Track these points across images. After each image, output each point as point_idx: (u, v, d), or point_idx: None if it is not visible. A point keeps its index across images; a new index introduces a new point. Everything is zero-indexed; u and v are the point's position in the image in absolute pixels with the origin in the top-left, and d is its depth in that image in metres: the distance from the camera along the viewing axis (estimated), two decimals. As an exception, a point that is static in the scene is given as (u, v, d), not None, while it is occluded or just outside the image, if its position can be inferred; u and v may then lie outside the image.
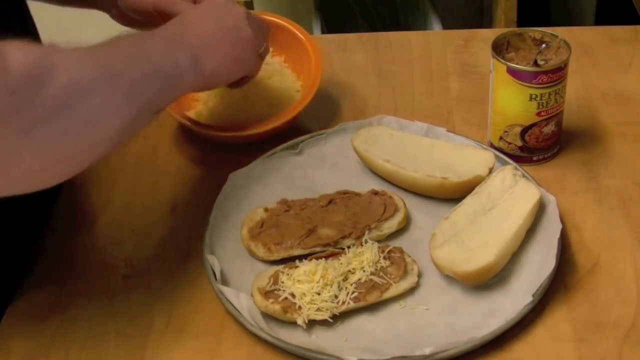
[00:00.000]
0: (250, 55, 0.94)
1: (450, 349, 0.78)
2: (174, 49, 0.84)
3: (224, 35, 0.91)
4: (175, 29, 0.88)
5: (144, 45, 0.83)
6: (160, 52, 0.83)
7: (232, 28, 0.91)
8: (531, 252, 0.88)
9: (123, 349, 0.83)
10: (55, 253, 0.94)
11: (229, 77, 0.93)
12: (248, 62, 0.94)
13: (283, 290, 0.83)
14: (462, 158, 0.97)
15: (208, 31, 0.89)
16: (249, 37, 0.92)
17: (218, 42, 0.90)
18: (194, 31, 0.88)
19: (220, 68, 0.90)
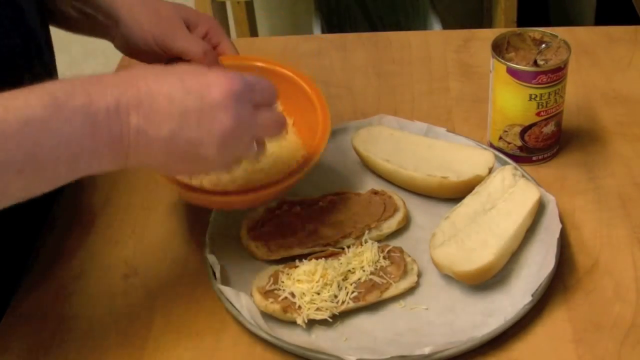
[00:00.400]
0: (202, 170, 0.78)
1: (450, 348, 0.78)
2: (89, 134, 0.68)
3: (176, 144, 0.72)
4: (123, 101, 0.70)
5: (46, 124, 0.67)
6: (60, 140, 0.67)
7: (190, 140, 0.72)
8: (531, 252, 0.89)
9: (123, 349, 0.83)
10: (55, 253, 0.94)
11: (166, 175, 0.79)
12: (197, 173, 0.79)
13: (283, 289, 0.83)
14: (462, 158, 0.97)
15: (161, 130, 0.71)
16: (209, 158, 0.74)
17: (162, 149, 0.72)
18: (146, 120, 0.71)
19: (153, 168, 0.76)
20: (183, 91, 0.72)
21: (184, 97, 0.72)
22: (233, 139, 0.74)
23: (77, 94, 0.69)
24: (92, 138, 0.68)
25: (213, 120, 0.72)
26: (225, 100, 0.73)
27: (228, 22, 2.28)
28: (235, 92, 0.74)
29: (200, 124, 0.72)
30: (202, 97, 0.72)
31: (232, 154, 0.76)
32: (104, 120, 0.69)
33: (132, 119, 0.70)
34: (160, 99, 0.71)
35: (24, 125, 0.65)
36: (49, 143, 0.66)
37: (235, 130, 0.73)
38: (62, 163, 0.68)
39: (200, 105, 0.72)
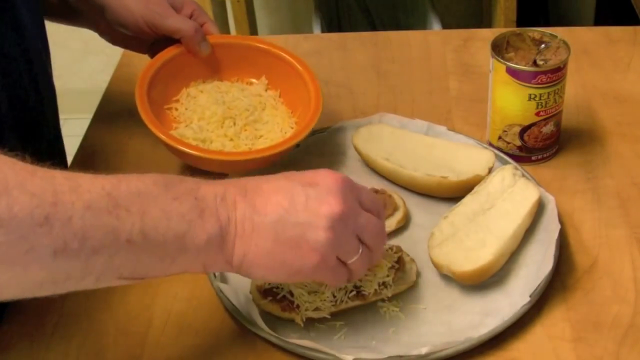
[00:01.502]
0: (309, 265, 0.71)
1: (447, 348, 0.78)
2: (199, 218, 0.68)
3: (285, 226, 0.70)
4: (230, 191, 0.70)
5: (157, 199, 0.66)
6: (170, 215, 0.66)
7: (301, 223, 0.70)
8: (530, 252, 0.89)
9: (122, 346, 0.83)
10: (55, 250, 0.94)
11: (266, 276, 0.74)
12: (302, 272, 0.72)
13: (281, 288, 0.83)
14: (462, 157, 0.97)
15: (267, 213, 0.70)
16: (319, 244, 0.70)
17: (270, 231, 0.70)
18: (249, 205, 0.70)
19: (255, 263, 0.71)
20: (289, 182, 0.72)
21: (291, 186, 0.72)
22: (341, 224, 0.71)
23: (186, 180, 0.70)
24: (200, 219, 0.68)
25: (321, 203, 0.71)
26: (333, 187, 0.72)
27: (228, 21, 2.28)
28: (344, 181, 0.73)
29: (307, 207, 0.71)
30: (309, 184, 0.72)
31: (340, 245, 0.72)
32: (212, 204, 0.69)
33: (239, 205, 0.70)
34: (267, 188, 0.71)
35: (135, 196, 0.65)
36: (158, 215, 0.66)
37: (344, 214, 0.71)
38: (171, 241, 0.66)
39: (308, 191, 0.71)
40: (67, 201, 0.62)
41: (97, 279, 0.65)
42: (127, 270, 0.66)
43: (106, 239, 0.63)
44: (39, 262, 0.61)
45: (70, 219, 0.61)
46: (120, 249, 0.64)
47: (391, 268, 0.85)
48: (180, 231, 0.67)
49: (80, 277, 0.64)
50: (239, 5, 2.13)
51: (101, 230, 0.63)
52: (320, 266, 0.72)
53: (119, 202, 0.64)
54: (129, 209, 0.64)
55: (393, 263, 0.85)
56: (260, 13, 2.48)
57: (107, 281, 0.66)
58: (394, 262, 0.85)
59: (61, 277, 0.63)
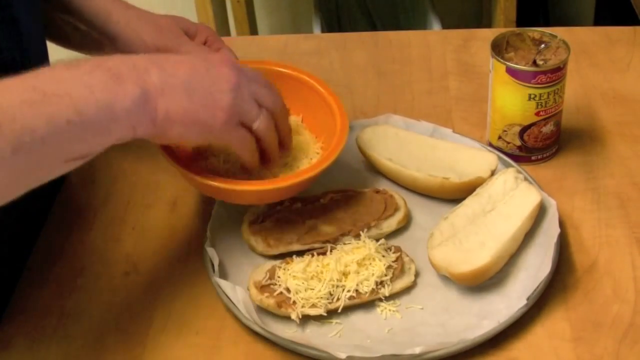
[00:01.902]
0: (218, 122, 0.80)
1: (441, 349, 0.79)
2: (117, 86, 0.73)
3: (194, 87, 0.78)
4: (137, 61, 0.77)
5: (74, 79, 0.72)
6: (92, 89, 0.71)
7: (206, 86, 0.80)
8: (529, 255, 0.89)
9: (123, 346, 0.83)
10: (55, 250, 0.94)
11: (183, 136, 0.80)
12: (212, 130, 0.80)
13: (278, 285, 0.83)
14: (465, 159, 0.97)
15: (177, 75, 0.78)
16: (223, 102, 0.80)
17: (183, 90, 0.78)
18: (161, 70, 0.77)
19: (175, 120, 0.77)
20: (188, 56, 0.84)
21: (191, 59, 0.82)
22: (239, 85, 0.81)
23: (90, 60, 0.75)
24: (120, 86, 0.73)
25: (219, 72, 0.81)
26: (226, 60, 0.83)
27: (228, 21, 2.28)
28: (234, 61, 0.84)
29: (209, 74, 0.80)
30: (205, 59, 0.82)
31: (241, 107, 0.81)
32: (126, 72, 0.74)
33: (152, 70, 0.76)
34: (171, 59, 0.80)
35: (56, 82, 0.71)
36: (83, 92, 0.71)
37: (239, 77, 0.82)
38: (102, 111, 0.72)
39: (206, 63, 0.81)
40: (4, 104, 0.66)
41: (49, 168, 0.71)
42: (73, 151, 0.72)
43: (50, 126, 0.68)
44: (1, 162, 0.65)
45: (14, 117, 0.66)
46: (62, 132, 0.69)
47: (389, 267, 0.85)
48: (108, 100, 0.72)
49: (36, 169, 0.70)
50: (239, 5, 2.13)
51: (43, 119, 0.68)
52: (227, 124, 0.81)
53: (46, 91, 0.69)
54: (57, 94, 0.69)
55: (391, 263, 0.85)
56: (260, 13, 2.48)
57: (57, 168, 0.72)
58: (392, 261, 0.86)
59: (21, 174, 0.68)
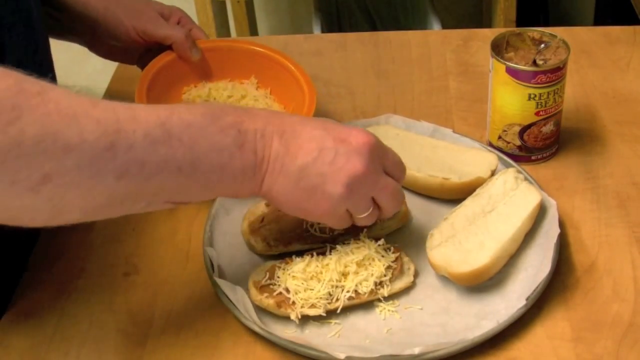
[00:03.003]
0: (318, 212, 0.78)
1: (440, 349, 0.78)
2: (238, 151, 0.73)
3: (308, 173, 0.76)
4: (271, 127, 0.75)
5: (206, 132, 0.71)
6: (214, 147, 0.71)
7: (324, 174, 0.76)
8: (529, 256, 0.89)
9: (123, 346, 0.83)
10: (56, 250, 0.94)
11: (282, 208, 0.80)
12: (310, 215, 0.80)
13: (278, 285, 0.83)
14: (465, 159, 0.97)
15: (297, 160, 0.75)
16: (333, 197, 0.76)
17: (294, 175, 0.76)
18: (284, 146, 0.75)
19: (274, 198, 0.77)
20: (325, 132, 0.77)
21: (324, 137, 0.76)
22: (359, 184, 0.77)
23: (230, 112, 0.74)
24: (240, 152, 0.73)
25: (347, 161, 0.76)
26: (362, 148, 0.77)
27: (228, 21, 2.28)
28: (373, 145, 0.78)
29: (334, 162, 0.76)
30: (341, 140, 0.77)
31: (352, 203, 0.79)
32: (251, 139, 0.74)
33: (275, 144, 0.75)
34: (303, 134, 0.76)
35: (186, 127, 0.70)
36: (205, 147, 0.71)
37: (364, 176, 0.77)
38: (213, 171, 0.72)
39: (338, 146, 0.76)
40: (129, 129, 0.66)
41: (148, 203, 0.71)
42: (174, 195, 0.72)
43: (160, 166, 0.68)
44: (102, 185, 0.66)
45: (132, 146, 0.66)
46: (171, 176, 0.69)
47: (388, 268, 0.85)
48: (222, 163, 0.72)
49: (135, 200, 0.70)
50: (239, 5, 2.13)
51: (157, 158, 0.68)
52: (328, 214, 0.79)
53: (172, 132, 0.69)
54: (180, 139, 0.69)
55: (391, 263, 0.85)
56: (260, 14, 2.49)
57: (155, 205, 0.72)
58: (391, 262, 0.86)
59: (118, 200, 0.68)
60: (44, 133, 0.62)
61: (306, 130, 0.77)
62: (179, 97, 1.07)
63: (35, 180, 0.63)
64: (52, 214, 0.67)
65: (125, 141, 0.66)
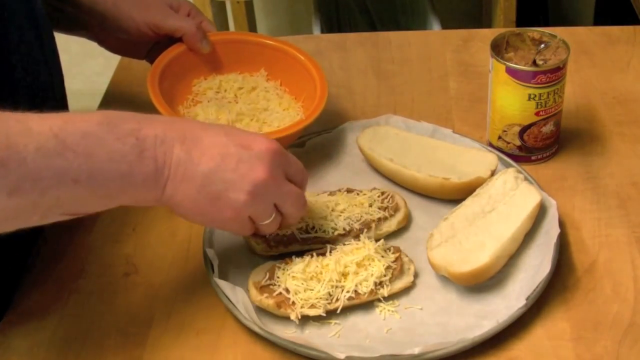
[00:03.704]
0: (222, 219, 0.78)
1: (440, 349, 0.79)
2: (138, 160, 0.72)
3: (212, 181, 0.75)
4: (172, 134, 0.74)
5: (103, 141, 0.70)
6: (113, 157, 0.70)
7: (227, 181, 0.75)
8: (529, 256, 0.89)
9: (123, 347, 0.83)
10: (56, 251, 0.94)
11: (185, 217, 0.78)
12: (214, 222, 0.80)
13: (278, 285, 0.83)
14: (465, 159, 0.97)
15: (200, 166, 0.75)
16: (237, 203, 0.76)
17: (197, 182, 0.75)
18: (185, 152, 0.74)
19: (178, 205, 0.76)
20: (227, 139, 0.77)
21: (227, 143, 0.76)
22: (263, 191, 0.77)
23: (128, 120, 0.73)
24: (139, 161, 0.72)
25: (250, 168, 0.76)
26: (264, 155, 0.77)
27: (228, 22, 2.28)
28: (276, 152, 0.78)
29: (237, 169, 0.76)
30: (244, 147, 0.76)
31: (255, 209, 0.78)
32: (151, 146, 0.73)
33: (176, 150, 0.74)
34: (205, 140, 0.76)
35: (81, 137, 0.69)
36: (102, 157, 0.70)
37: (267, 183, 0.77)
38: (112, 180, 0.71)
39: (241, 153, 0.76)
40: (20, 143, 0.65)
41: (42, 216, 0.70)
42: (71, 207, 0.70)
43: (55, 180, 0.67)
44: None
45: (24, 161, 0.65)
46: (67, 189, 0.68)
47: (388, 268, 0.85)
48: (121, 172, 0.71)
49: (29, 215, 0.68)
50: (238, 6, 2.13)
51: (50, 171, 0.66)
52: (231, 220, 0.78)
53: (66, 144, 0.67)
54: (75, 150, 0.68)
55: (390, 263, 0.85)
56: (260, 14, 2.48)
57: (51, 217, 0.71)
58: (391, 262, 0.86)
59: (11, 215, 0.67)
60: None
61: (208, 136, 0.76)
62: (189, 89, 1.07)
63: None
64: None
65: (17, 156, 0.65)
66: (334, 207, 0.91)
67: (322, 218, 0.90)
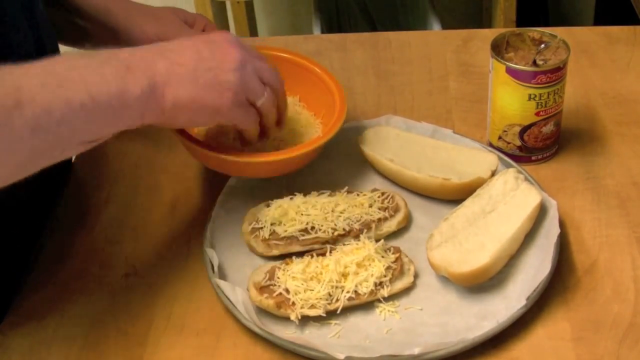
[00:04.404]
0: (226, 103, 0.83)
1: (440, 349, 0.78)
2: (128, 76, 0.76)
3: (200, 73, 0.81)
4: (145, 53, 0.80)
5: (89, 68, 0.75)
6: (105, 78, 0.75)
7: (212, 68, 0.82)
8: (529, 256, 0.89)
9: (123, 347, 0.83)
10: (56, 252, 0.94)
11: (192, 120, 0.85)
12: (220, 111, 0.83)
13: (278, 285, 0.83)
14: (465, 160, 0.97)
15: (183, 64, 0.81)
16: (230, 83, 0.82)
17: (189, 78, 0.81)
18: (167, 60, 0.80)
19: (183, 107, 0.81)
20: (192, 41, 0.84)
21: (195, 43, 0.84)
22: (245, 65, 0.84)
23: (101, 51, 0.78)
24: (131, 75, 0.76)
25: (224, 52, 0.84)
26: (229, 39, 0.86)
27: (228, 22, 2.28)
28: (235, 37, 0.87)
29: (214, 57, 0.83)
30: (208, 41, 0.84)
31: (247, 86, 0.84)
32: (135, 63, 0.78)
33: (159, 62, 0.79)
34: (177, 48, 0.82)
35: (71, 69, 0.74)
36: (96, 80, 0.74)
37: (244, 58, 0.84)
38: (113, 97, 0.75)
39: (210, 45, 0.84)
40: (25, 85, 0.70)
41: (63, 148, 0.74)
42: (85, 134, 0.75)
43: (65, 108, 0.71)
44: (20, 142, 0.69)
45: (34, 98, 0.69)
46: (78, 114, 0.72)
47: (388, 268, 0.85)
48: (119, 88, 0.75)
49: (52, 149, 0.73)
50: (238, 6, 2.13)
51: (59, 102, 0.71)
52: (234, 104, 0.84)
53: (62, 76, 0.72)
54: (72, 79, 0.73)
55: (390, 263, 0.85)
56: (260, 14, 2.48)
57: (71, 148, 0.76)
58: (391, 262, 0.86)
59: (37, 153, 0.71)
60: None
61: (178, 44, 0.83)
62: None
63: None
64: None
65: (27, 95, 0.69)
66: (334, 207, 0.91)
67: (322, 218, 0.90)
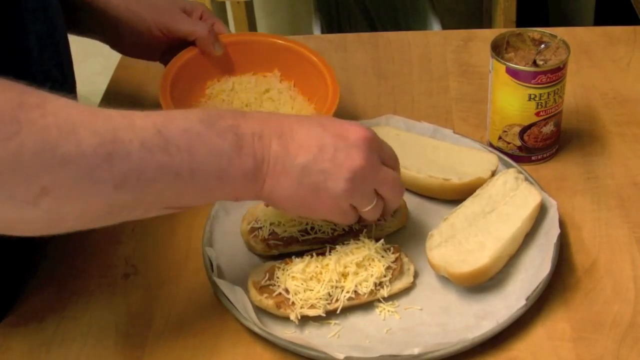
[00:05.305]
0: (323, 208, 0.79)
1: (440, 349, 0.78)
2: (237, 156, 0.73)
3: (310, 171, 0.76)
4: (266, 129, 0.75)
5: (202, 137, 0.71)
6: (213, 153, 0.72)
7: (325, 171, 0.76)
8: (529, 256, 0.89)
9: (123, 347, 0.83)
10: (56, 252, 0.94)
11: (285, 209, 0.81)
12: (316, 212, 0.81)
13: (277, 285, 0.83)
14: (465, 160, 0.97)
15: (297, 160, 0.76)
16: (336, 192, 0.77)
17: (296, 174, 0.76)
18: (283, 143, 0.75)
19: (279, 198, 0.78)
20: (322, 130, 0.78)
21: (322, 134, 0.77)
22: (361, 178, 0.78)
23: (227, 117, 0.74)
24: (238, 156, 0.73)
25: (347, 156, 0.77)
26: (360, 143, 0.78)
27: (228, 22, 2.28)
28: (370, 139, 0.79)
29: (334, 158, 0.77)
30: (339, 136, 0.77)
31: (356, 197, 0.79)
32: (249, 142, 0.74)
33: (273, 145, 0.75)
34: (301, 133, 0.77)
35: (183, 133, 0.70)
36: (203, 152, 0.71)
37: (364, 170, 0.78)
38: (213, 175, 0.72)
39: (337, 142, 0.77)
40: (125, 139, 0.66)
41: (145, 210, 0.71)
42: (173, 201, 0.72)
43: (158, 174, 0.68)
44: (100, 196, 0.66)
45: (129, 155, 0.66)
46: (169, 183, 0.70)
47: (388, 268, 0.85)
48: (221, 167, 0.72)
49: (133, 208, 0.70)
50: (238, 6, 2.13)
51: (154, 166, 0.68)
52: (333, 210, 0.80)
53: (169, 140, 0.69)
54: (178, 145, 0.69)
55: (390, 263, 0.85)
56: (260, 14, 2.48)
57: (153, 211, 0.72)
58: (391, 262, 0.86)
59: (117, 209, 0.69)
60: (43, 147, 0.62)
61: (304, 129, 0.77)
62: (202, 92, 1.07)
63: (34, 193, 0.63)
64: (49, 225, 0.67)
65: (123, 150, 0.66)
66: None
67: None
